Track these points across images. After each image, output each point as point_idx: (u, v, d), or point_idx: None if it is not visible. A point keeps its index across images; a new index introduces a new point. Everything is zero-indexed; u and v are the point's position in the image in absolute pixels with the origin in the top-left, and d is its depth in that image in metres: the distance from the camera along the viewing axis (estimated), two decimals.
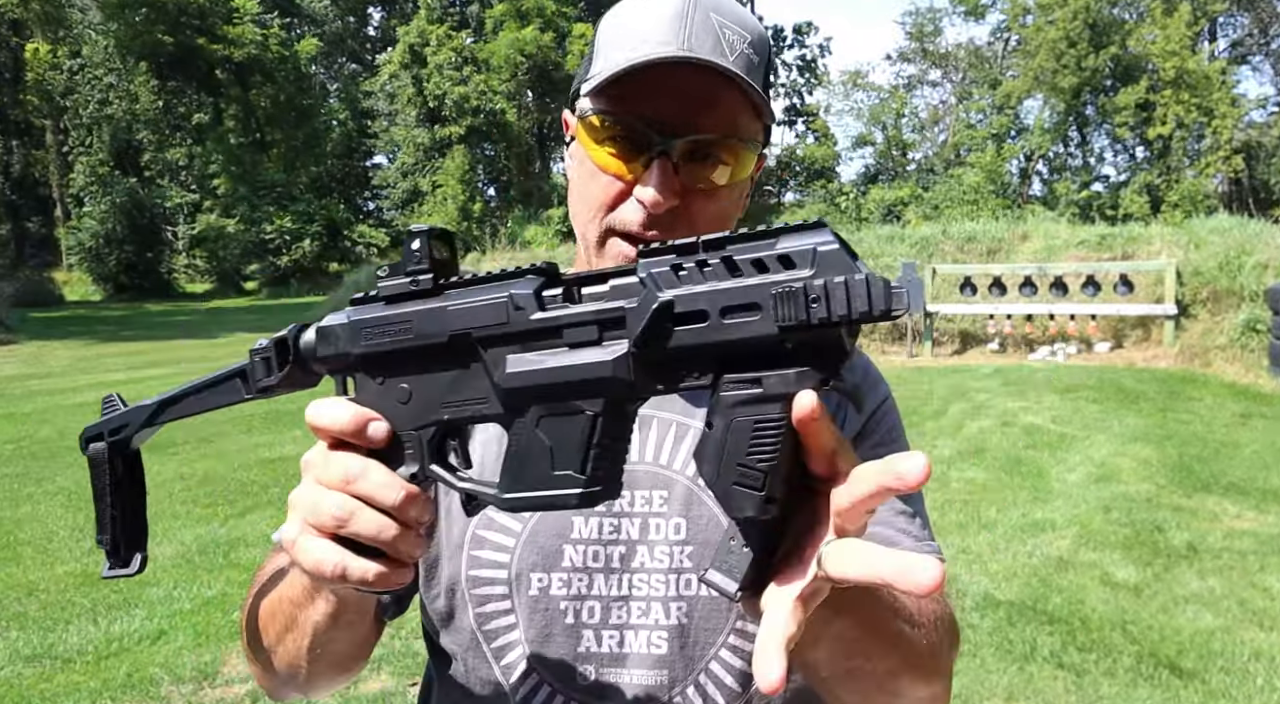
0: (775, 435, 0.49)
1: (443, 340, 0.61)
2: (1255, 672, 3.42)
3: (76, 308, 29.42)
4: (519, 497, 0.57)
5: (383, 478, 0.62)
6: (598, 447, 0.55)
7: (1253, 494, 5.51)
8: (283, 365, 0.68)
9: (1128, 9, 29.85)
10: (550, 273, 0.59)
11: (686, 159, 0.84)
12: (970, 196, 29.32)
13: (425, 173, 38.00)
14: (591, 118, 0.86)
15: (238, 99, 38.31)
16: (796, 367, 0.48)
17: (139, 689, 3.49)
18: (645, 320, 0.50)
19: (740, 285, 0.49)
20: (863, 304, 0.45)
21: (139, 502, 0.80)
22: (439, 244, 0.65)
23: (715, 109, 0.83)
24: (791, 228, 0.49)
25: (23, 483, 6.60)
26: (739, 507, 0.50)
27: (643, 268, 0.53)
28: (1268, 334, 9.47)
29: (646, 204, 0.83)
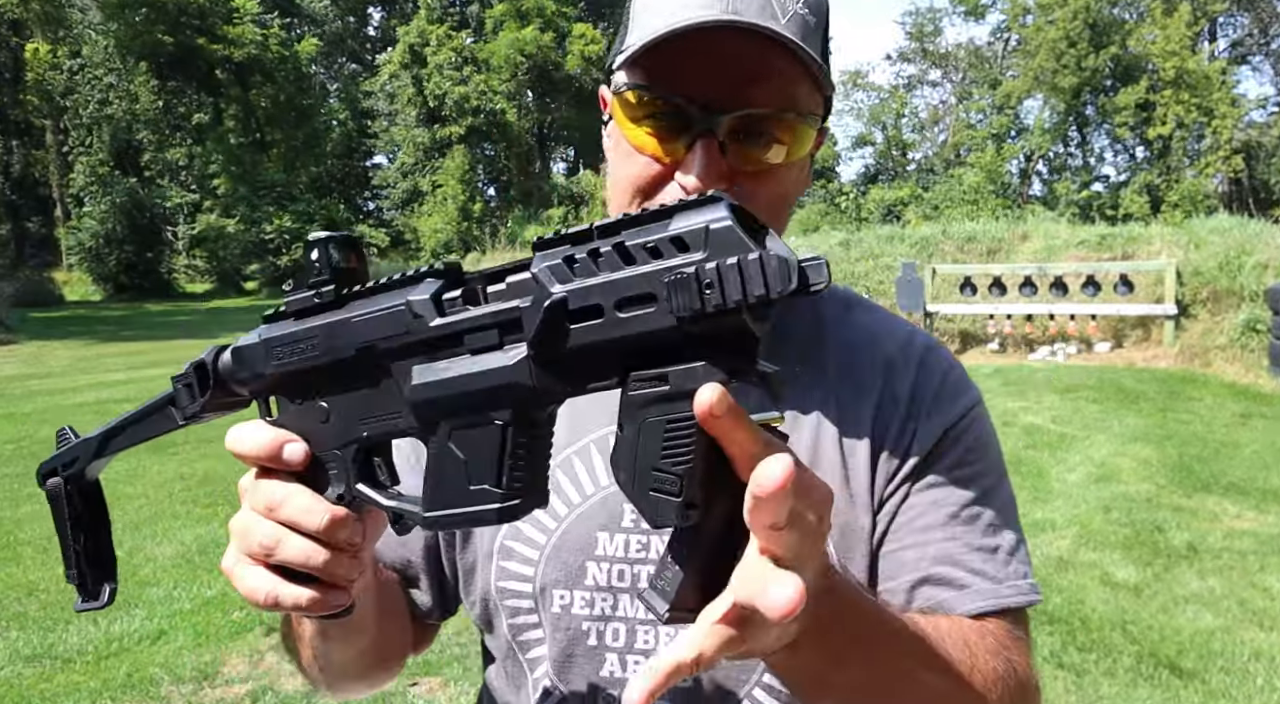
0: (688, 435, 0.45)
1: (350, 355, 0.58)
2: (1255, 672, 3.42)
3: (76, 308, 29.41)
4: (438, 515, 0.54)
5: (305, 503, 0.59)
6: (512, 457, 0.52)
7: (1253, 494, 5.51)
8: (204, 391, 0.66)
9: (1128, 9, 29.85)
10: (451, 274, 0.56)
11: (734, 138, 0.75)
12: (970, 196, 29.33)
13: (425, 173, 38.01)
14: (627, 94, 0.77)
15: (238, 99, 38.31)
16: (701, 359, 0.45)
17: (139, 689, 3.49)
18: (538, 321, 0.47)
19: (632, 275, 0.45)
20: (758, 286, 0.41)
21: (103, 532, 0.78)
22: (343, 251, 0.61)
23: (767, 80, 0.74)
24: (686, 204, 0.46)
25: (23, 483, 6.60)
26: (658, 515, 0.46)
27: (536, 262, 0.50)
28: (1268, 334, 9.47)
29: (689, 189, 0.74)
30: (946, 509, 0.81)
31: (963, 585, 0.79)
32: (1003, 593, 0.80)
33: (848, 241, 13.95)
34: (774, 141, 0.76)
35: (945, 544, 0.80)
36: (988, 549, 0.81)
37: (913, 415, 0.84)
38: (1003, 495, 0.85)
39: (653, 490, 0.46)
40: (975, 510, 0.82)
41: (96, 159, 36.89)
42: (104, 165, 36.55)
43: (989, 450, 0.87)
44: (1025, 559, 0.84)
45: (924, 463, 0.83)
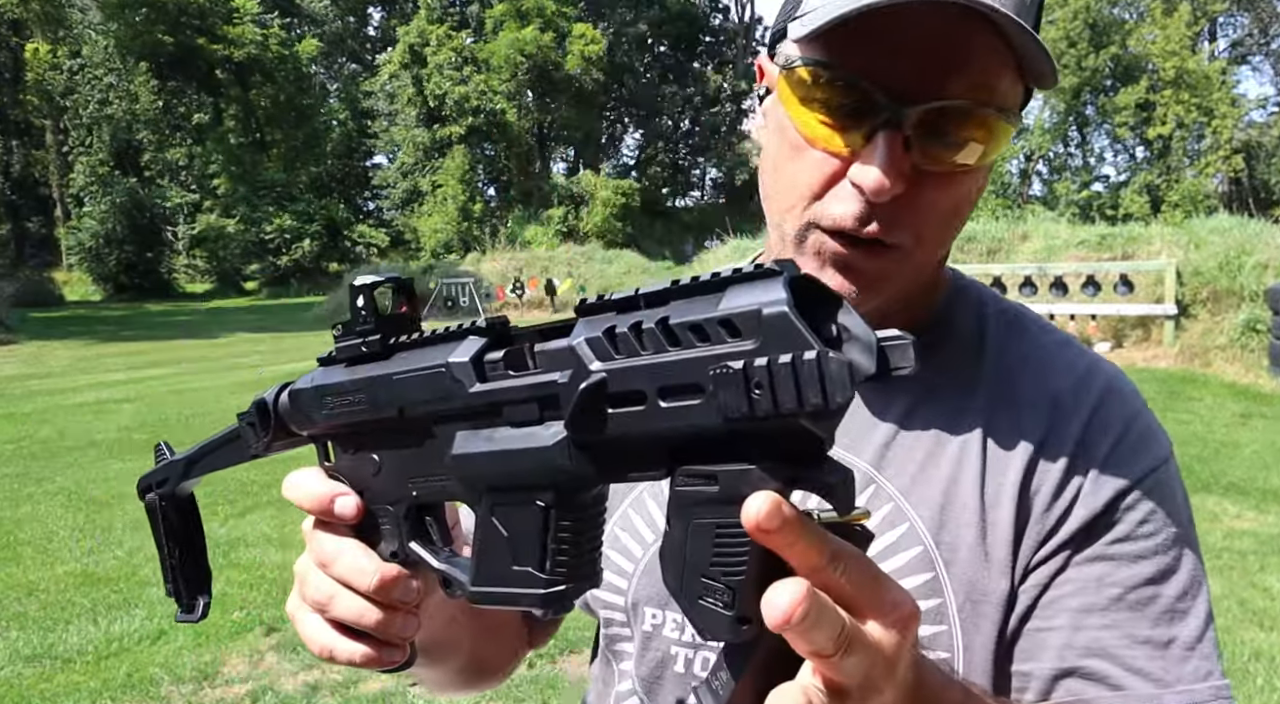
0: (742, 543, 0.40)
1: (394, 413, 0.56)
2: (1255, 672, 3.42)
3: (76, 308, 29.42)
4: (484, 591, 0.51)
5: (356, 562, 0.57)
6: (555, 541, 0.48)
7: (1253, 494, 5.51)
8: (266, 430, 0.65)
9: (1128, 9, 29.86)
10: (495, 331, 0.52)
11: (922, 133, 0.64)
12: None
13: (425, 173, 38.01)
14: (800, 71, 0.66)
15: (238, 99, 38.32)
16: (756, 462, 0.39)
17: (139, 689, 3.49)
18: (574, 401, 0.42)
19: (676, 361, 0.40)
20: (814, 393, 0.35)
21: (197, 546, 0.79)
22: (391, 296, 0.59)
23: (968, 67, 0.63)
24: (742, 277, 0.40)
25: (23, 483, 6.60)
26: (709, 627, 0.41)
27: (577, 331, 0.45)
28: (1268, 334, 9.47)
29: (866, 189, 0.64)
30: (1111, 590, 0.69)
31: (1117, 685, 0.67)
32: (1167, 700, 0.66)
33: None
34: (966, 140, 0.65)
35: (1103, 632, 0.68)
36: (1157, 643, 0.67)
37: (1080, 469, 0.71)
38: (1187, 575, 0.70)
39: (702, 599, 0.41)
40: (1148, 592, 0.69)
41: (96, 159, 36.90)
42: (104, 165, 36.57)
43: (1175, 519, 0.71)
44: (1210, 654, 0.68)
45: (1089, 529, 0.70)
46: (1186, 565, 0.70)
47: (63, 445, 7.75)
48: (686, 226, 36.82)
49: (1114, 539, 0.69)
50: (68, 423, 8.86)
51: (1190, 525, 0.73)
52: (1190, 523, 0.73)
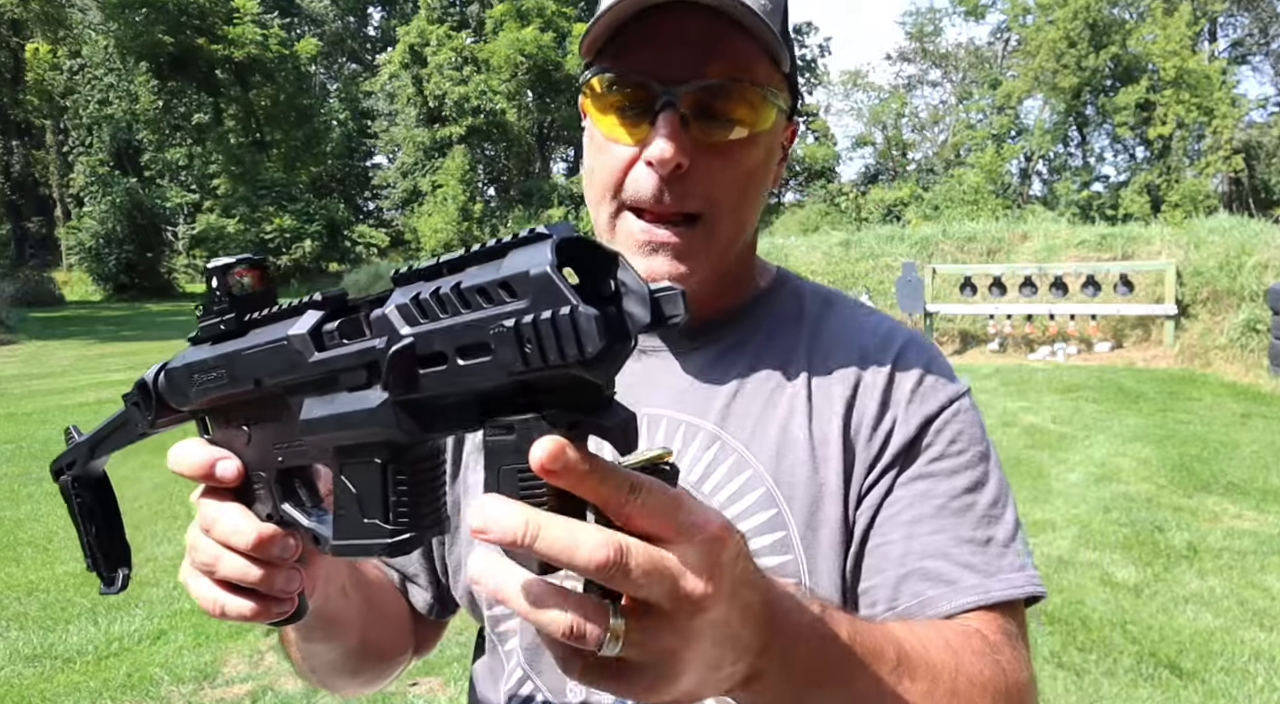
0: (541, 487, 0.43)
1: (251, 386, 0.59)
2: (1255, 672, 3.42)
3: (76, 308, 29.41)
4: (342, 544, 0.54)
5: (233, 523, 0.61)
6: (395, 494, 0.51)
7: (1253, 494, 5.51)
8: (150, 409, 0.68)
9: (1128, 9, 29.86)
10: (332, 303, 0.55)
11: (696, 113, 0.76)
12: (970, 197, 29.34)
13: (425, 173, 38.00)
14: (593, 82, 0.79)
15: (238, 99, 38.31)
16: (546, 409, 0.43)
17: (139, 689, 3.49)
18: (386, 365, 0.46)
19: (464, 323, 0.43)
20: (573, 347, 0.39)
21: (113, 522, 0.81)
22: (248, 274, 0.61)
23: (723, 55, 0.76)
24: (518, 240, 0.43)
25: (23, 483, 6.60)
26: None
27: (392, 298, 0.48)
28: (1268, 334, 9.47)
29: (654, 161, 0.75)
30: (934, 501, 0.79)
31: (950, 581, 0.76)
32: (992, 588, 0.76)
33: (848, 241, 13.95)
34: (735, 119, 0.77)
35: (932, 538, 0.77)
36: (978, 542, 0.78)
37: (892, 404, 0.83)
38: (995, 486, 0.82)
39: None
40: (966, 501, 0.80)
41: (96, 159, 36.89)
42: (104, 165, 36.55)
43: (980, 440, 0.84)
44: (1023, 550, 0.80)
45: (907, 453, 0.81)
46: (994, 478, 0.82)
47: (63, 445, 7.74)
48: None
49: (930, 459, 0.81)
50: (68, 423, 8.84)
51: (993, 450, 0.85)
52: (993, 448, 0.85)
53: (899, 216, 29.18)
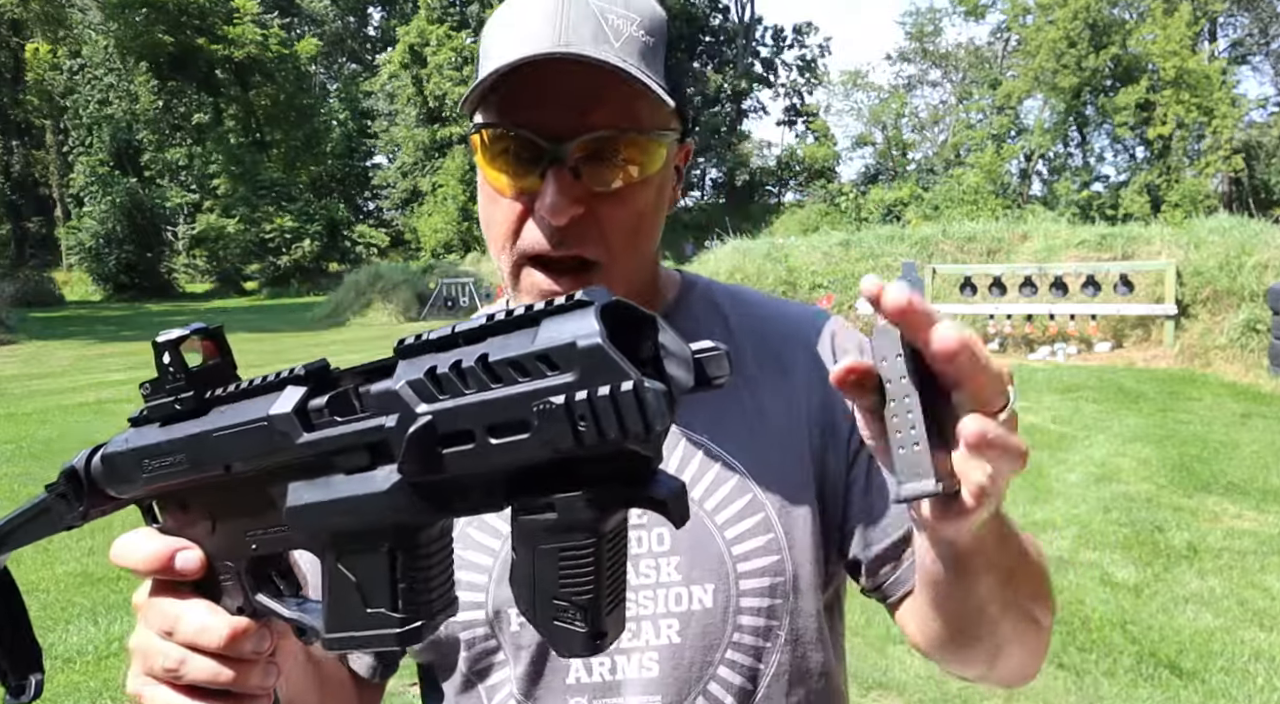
0: (587, 566, 0.41)
1: (220, 470, 0.54)
2: (1255, 672, 3.42)
3: (77, 308, 29.43)
4: (339, 637, 0.51)
5: (203, 620, 0.56)
6: (404, 581, 0.48)
7: (1253, 494, 5.51)
8: (80, 499, 0.62)
9: (1128, 9, 29.86)
10: (316, 377, 0.51)
11: (585, 162, 0.76)
12: (970, 197, 29.35)
13: (425, 173, 38.03)
14: (481, 133, 0.78)
15: (238, 99, 38.33)
16: (592, 487, 0.41)
17: None
18: (404, 446, 0.42)
19: (499, 398, 0.40)
20: (637, 423, 0.37)
21: (20, 624, 0.72)
22: (205, 345, 0.56)
23: (605, 104, 0.75)
24: (553, 308, 0.41)
25: (23, 483, 6.60)
26: (567, 645, 0.43)
27: (400, 372, 0.44)
28: (1268, 334, 9.47)
29: (547, 216, 0.76)
30: None
31: None
32: None
33: (848, 241, 13.95)
34: (624, 162, 0.78)
35: None
36: None
37: None
38: None
39: (556, 620, 0.43)
40: None
41: (96, 159, 36.91)
42: (104, 165, 36.57)
43: None
44: None
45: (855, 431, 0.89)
46: None
47: (63, 446, 7.74)
48: (686, 226, 36.82)
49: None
50: (68, 423, 8.86)
51: None
52: None
53: (899, 216, 29.17)
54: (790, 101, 46.50)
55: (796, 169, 42.12)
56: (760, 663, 0.84)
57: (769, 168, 43.76)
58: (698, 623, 0.83)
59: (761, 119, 51.60)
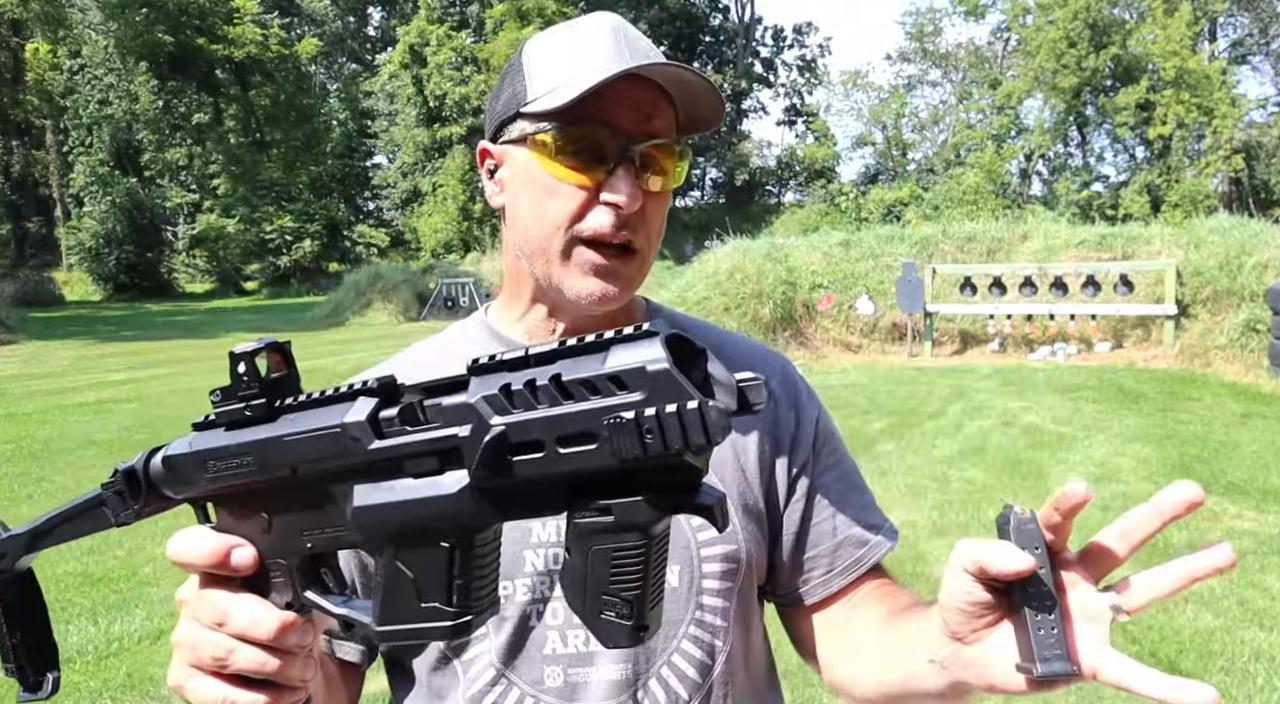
0: (637, 564, 0.47)
1: (287, 472, 0.58)
2: (1255, 672, 3.42)
3: (77, 308, 29.43)
4: (391, 629, 0.55)
5: (253, 613, 0.60)
6: (461, 576, 0.52)
7: (1253, 494, 5.51)
8: (136, 497, 0.65)
9: (1128, 9, 29.86)
10: (386, 390, 0.55)
11: (640, 165, 0.88)
12: (970, 197, 29.34)
13: (425, 173, 38.02)
14: (541, 136, 0.88)
15: (238, 99, 38.33)
16: (645, 494, 0.46)
17: (139, 689, 3.49)
18: (478, 454, 0.47)
19: (571, 412, 0.45)
20: (698, 435, 0.42)
21: (40, 622, 0.75)
22: (275, 360, 0.60)
23: (660, 118, 0.89)
24: (623, 337, 0.46)
25: (23, 483, 6.60)
26: (611, 638, 0.48)
27: (473, 389, 0.49)
28: (1268, 334, 9.47)
29: (621, 205, 0.86)
30: (840, 484, 1.04)
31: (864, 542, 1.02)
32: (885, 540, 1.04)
33: (848, 241, 13.94)
34: (665, 170, 0.91)
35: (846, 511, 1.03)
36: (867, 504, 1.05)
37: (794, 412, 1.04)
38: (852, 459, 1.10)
39: (603, 614, 0.48)
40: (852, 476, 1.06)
41: (96, 159, 36.90)
42: (104, 165, 36.57)
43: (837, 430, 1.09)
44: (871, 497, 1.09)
45: (817, 450, 1.03)
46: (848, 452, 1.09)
47: (62, 445, 7.75)
48: (686, 226, 36.82)
49: (829, 451, 1.04)
50: (68, 423, 8.87)
51: None
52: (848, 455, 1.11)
53: (899, 216, 29.17)
54: (790, 101, 46.54)
55: (796, 169, 42.12)
56: (717, 639, 0.94)
57: (769, 168, 43.76)
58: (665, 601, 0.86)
59: (761, 119, 51.55)
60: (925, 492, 5.61)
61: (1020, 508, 0.61)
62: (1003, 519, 0.63)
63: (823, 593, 1.01)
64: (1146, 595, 0.61)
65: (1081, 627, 0.61)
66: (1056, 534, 0.61)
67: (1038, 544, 0.61)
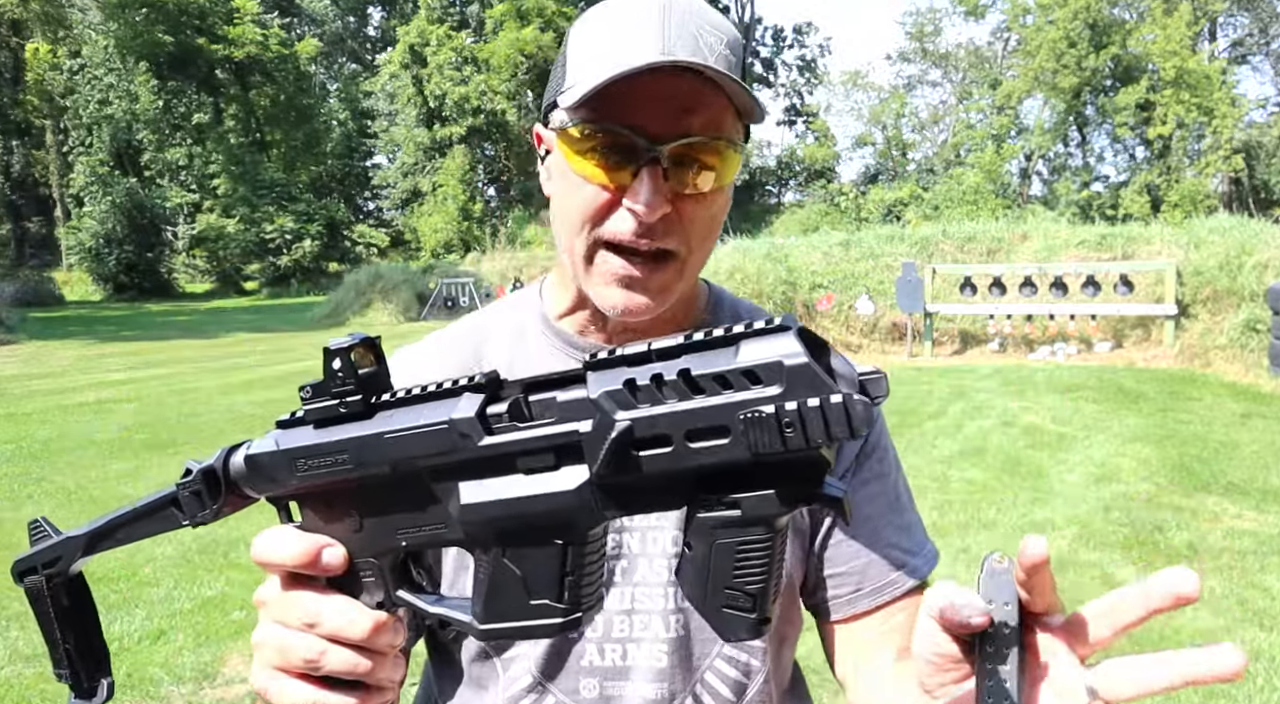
0: (763, 557, 0.47)
1: (385, 470, 0.57)
2: (1255, 672, 3.42)
3: (77, 308, 29.43)
4: (496, 627, 0.54)
5: (346, 614, 0.58)
6: (572, 573, 0.52)
7: (1253, 494, 5.51)
8: (215, 497, 0.64)
9: (1128, 9, 29.87)
10: (492, 384, 0.54)
11: (674, 165, 0.82)
12: (970, 197, 29.34)
13: (425, 173, 38.01)
14: (571, 130, 0.82)
15: (238, 99, 38.32)
16: (776, 487, 0.46)
17: (139, 689, 3.49)
18: (604, 450, 0.47)
19: (704, 407, 0.45)
20: (842, 428, 0.42)
21: (91, 626, 0.74)
22: (363, 354, 0.59)
23: (700, 112, 0.81)
24: (752, 332, 0.45)
25: (23, 483, 6.60)
26: (732, 630, 0.49)
27: (593, 384, 0.49)
28: (1268, 334, 9.47)
29: (640, 213, 0.81)
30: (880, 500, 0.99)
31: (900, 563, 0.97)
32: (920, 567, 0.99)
33: (848, 241, 13.94)
34: (707, 168, 0.83)
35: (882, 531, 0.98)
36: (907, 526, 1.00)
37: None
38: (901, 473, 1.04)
39: (726, 607, 0.48)
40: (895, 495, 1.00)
41: (96, 159, 36.90)
42: (104, 165, 36.57)
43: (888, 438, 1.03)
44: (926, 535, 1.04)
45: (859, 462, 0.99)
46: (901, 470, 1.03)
47: (63, 445, 7.74)
48: None
49: (874, 462, 0.99)
50: (68, 423, 8.86)
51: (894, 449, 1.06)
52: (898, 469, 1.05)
53: (899, 216, 29.17)
54: (790, 101, 46.53)
55: (796, 169, 42.12)
56: (753, 659, 0.93)
57: (769, 168, 43.75)
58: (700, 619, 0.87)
59: (761, 119, 51.35)
60: (925, 492, 5.60)
61: (999, 556, 0.57)
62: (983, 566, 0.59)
63: (848, 611, 0.98)
64: (1134, 688, 0.52)
65: (1049, 701, 0.55)
66: (1030, 593, 0.54)
67: (1008, 599, 0.56)
